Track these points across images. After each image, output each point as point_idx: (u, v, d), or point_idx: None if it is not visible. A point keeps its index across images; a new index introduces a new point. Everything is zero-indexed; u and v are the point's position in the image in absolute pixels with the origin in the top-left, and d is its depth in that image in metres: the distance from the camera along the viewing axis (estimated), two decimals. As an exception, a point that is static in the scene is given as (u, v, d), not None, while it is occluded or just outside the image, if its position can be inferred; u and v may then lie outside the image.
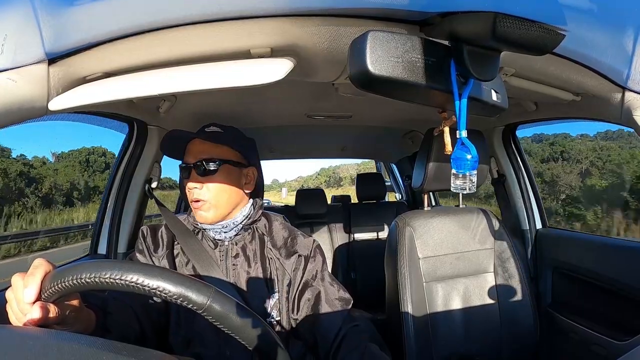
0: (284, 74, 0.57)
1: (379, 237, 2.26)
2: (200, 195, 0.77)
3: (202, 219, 0.78)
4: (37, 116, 0.53)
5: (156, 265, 0.70)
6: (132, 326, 0.65)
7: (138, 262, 0.77)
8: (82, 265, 0.39)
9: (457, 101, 0.47)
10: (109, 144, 4.60)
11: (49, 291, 0.41)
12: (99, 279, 0.38)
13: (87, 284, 0.39)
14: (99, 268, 0.39)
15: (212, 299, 0.40)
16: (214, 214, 0.78)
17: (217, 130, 0.81)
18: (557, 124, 1.36)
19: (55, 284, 0.40)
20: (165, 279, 0.39)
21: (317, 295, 0.77)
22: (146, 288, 0.38)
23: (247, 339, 0.42)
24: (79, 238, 5.50)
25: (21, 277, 0.43)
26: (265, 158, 2.60)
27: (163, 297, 0.39)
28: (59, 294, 0.41)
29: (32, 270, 0.43)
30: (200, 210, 0.78)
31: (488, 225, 1.17)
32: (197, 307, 0.39)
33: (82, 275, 0.39)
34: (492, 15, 0.40)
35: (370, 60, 0.41)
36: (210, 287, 0.41)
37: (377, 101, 1.28)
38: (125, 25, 0.49)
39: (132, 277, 0.38)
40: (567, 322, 1.16)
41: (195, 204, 0.78)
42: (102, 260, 0.46)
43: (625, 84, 0.66)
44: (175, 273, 0.41)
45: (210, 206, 0.77)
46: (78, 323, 0.49)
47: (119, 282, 0.38)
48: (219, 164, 0.78)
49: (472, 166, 0.52)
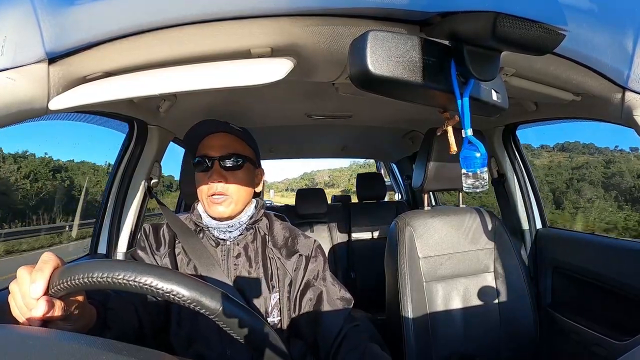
0: (284, 73, 0.57)
1: (378, 237, 2.26)
2: (224, 190, 0.76)
3: (219, 213, 0.77)
4: (37, 116, 0.53)
5: (169, 268, 0.70)
6: (131, 323, 0.65)
7: (144, 261, 0.77)
8: (94, 264, 0.39)
9: (460, 100, 0.47)
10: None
11: (56, 287, 0.40)
12: (111, 279, 0.38)
13: (99, 283, 0.38)
14: (111, 268, 0.38)
15: (224, 304, 0.40)
16: (232, 209, 0.78)
17: (237, 127, 0.81)
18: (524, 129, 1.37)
19: (65, 280, 0.39)
20: (180, 283, 0.39)
21: (318, 295, 0.77)
22: (160, 291, 0.38)
23: (256, 345, 0.42)
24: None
25: (28, 271, 0.42)
26: (265, 158, 2.60)
27: (176, 301, 0.38)
28: (68, 291, 0.40)
29: (41, 264, 0.42)
30: (221, 205, 0.76)
31: (488, 225, 1.18)
32: (210, 313, 0.39)
33: (94, 274, 0.38)
34: (492, 15, 0.40)
35: (370, 60, 0.41)
36: (222, 292, 0.41)
37: (377, 101, 1.28)
38: (125, 25, 0.49)
39: (145, 279, 0.38)
40: (567, 322, 1.16)
41: (216, 198, 0.76)
42: (114, 260, 0.46)
43: (626, 84, 0.66)
44: (189, 277, 0.40)
45: (231, 201, 0.77)
46: (81, 319, 0.48)
47: (132, 284, 0.38)
48: (243, 160, 0.79)
49: (482, 164, 0.52)
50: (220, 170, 0.77)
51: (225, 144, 0.78)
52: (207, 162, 0.78)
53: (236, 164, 0.78)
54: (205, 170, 0.77)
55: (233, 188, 0.77)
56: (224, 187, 0.76)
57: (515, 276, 1.13)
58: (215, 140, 0.79)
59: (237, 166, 0.78)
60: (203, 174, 0.78)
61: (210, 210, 0.78)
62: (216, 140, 0.79)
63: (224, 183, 0.76)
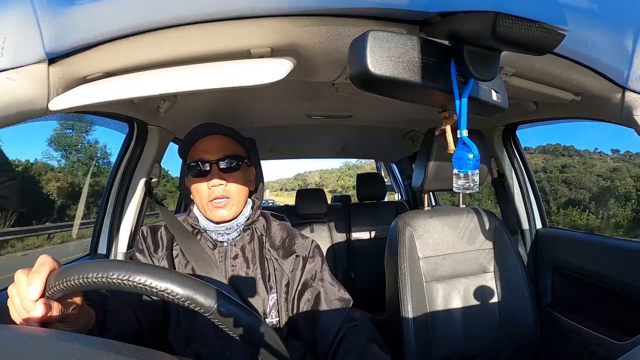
0: (285, 73, 0.57)
1: (379, 237, 2.26)
2: (225, 193, 0.75)
3: (221, 217, 0.76)
4: (37, 116, 0.53)
5: (164, 267, 0.70)
6: (130, 323, 0.65)
7: (142, 262, 0.77)
8: (89, 265, 0.39)
9: (458, 100, 0.47)
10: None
11: (53, 289, 0.40)
12: (106, 279, 0.38)
13: (94, 284, 0.38)
14: (106, 268, 0.39)
15: (219, 302, 0.40)
16: (234, 212, 0.77)
17: (229, 128, 0.80)
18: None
19: (61, 282, 0.40)
20: (174, 281, 0.39)
21: (316, 296, 0.77)
22: (154, 290, 0.38)
23: (253, 343, 0.42)
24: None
25: (25, 274, 0.42)
26: (265, 158, 2.60)
27: (170, 299, 0.38)
28: (64, 292, 0.41)
29: (37, 267, 0.42)
30: (223, 208, 0.75)
31: (488, 225, 1.17)
32: (205, 310, 0.39)
33: (89, 274, 0.38)
34: (492, 15, 0.40)
35: (370, 60, 0.41)
36: (217, 290, 0.41)
37: (377, 101, 1.28)
38: (125, 25, 0.49)
39: (139, 278, 0.38)
40: (567, 322, 1.16)
41: (218, 202, 0.75)
42: (109, 260, 0.46)
43: (625, 84, 0.66)
44: (183, 275, 0.40)
45: (233, 204, 0.76)
46: (79, 321, 0.49)
47: (127, 283, 0.38)
48: (238, 160, 0.78)
49: (474, 165, 0.52)
50: (219, 173, 0.75)
51: (220, 146, 0.77)
52: (204, 166, 0.76)
53: (233, 165, 0.77)
54: (202, 174, 0.76)
55: (234, 190, 0.76)
56: (225, 190, 0.75)
57: (515, 276, 1.13)
58: (208, 143, 0.77)
59: (235, 167, 0.77)
60: (200, 179, 0.76)
61: (212, 215, 0.76)
62: (210, 143, 0.77)
63: (224, 186, 0.75)
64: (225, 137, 0.79)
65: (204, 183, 0.76)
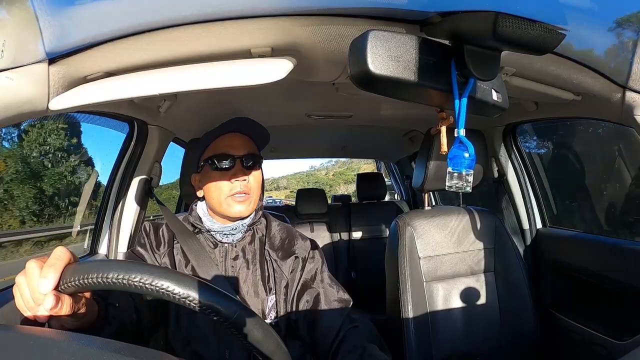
0: (285, 73, 0.57)
1: (379, 237, 2.26)
2: (246, 188, 0.76)
3: (239, 213, 0.76)
4: (37, 116, 0.53)
5: (187, 274, 0.69)
6: (130, 317, 0.65)
7: (144, 258, 0.77)
8: (110, 264, 0.38)
9: (457, 99, 0.47)
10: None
11: (68, 284, 0.39)
12: (127, 280, 0.37)
13: (113, 285, 0.37)
14: (128, 270, 0.37)
15: (239, 313, 0.39)
16: (251, 209, 0.78)
17: (258, 126, 0.82)
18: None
19: (78, 278, 0.38)
20: (197, 290, 0.38)
21: (316, 297, 0.77)
22: (176, 297, 0.37)
23: (265, 354, 0.42)
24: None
25: (38, 265, 0.40)
26: (266, 158, 2.59)
27: (192, 307, 0.38)
28: (79, 289, 0.39)
29: (54, 260, 0.40)
30: (243, 203, 0.76)
31: (488, 224, 1.17)
32: (224, 320, 0.39)
33: (110, 274, 0.37)
34: (492, 14, 0.40)
35: (370, 59, 0.41)
36: (238, 301, 0.41)
37: (377, 101, 1.28)
38: (125, 25, 0.49)
39: (163, 283, 0.37)
40: (568, 322, 1.16)
41: (239, 197, 0.76)
42: (129, 262, 0.45)
43: (626, 84, 0.66)
44: (207, 284, 0.40)
45: (251, 201, 0.78)
46: (86, 315, 0.47)
47: (149, 287, 0.37)
48: (259, 159, 0.80)
49: (468, 165, 0.52)
50: (242, 169, 0.77)
51: (244, 143, 0.79)
52: (228, 160, 0.77)
53: (255, 163, 0.79)
54: (226, 169, 0.76)
55: (254, 187, 0.78)
56: (247, 186, 0.77)
57: (515, 276, 1.13)
58: (233, 139, 0.79)
59: (256, 164, 0.79)
60: (222, 173, 0.77)
61: (230, 210, 0.76)
62: (235, 139, 0.79)
63: (247, 182, 0.77)
64: (244, 135, 0.81)
65: (225, 177, 0.76)
